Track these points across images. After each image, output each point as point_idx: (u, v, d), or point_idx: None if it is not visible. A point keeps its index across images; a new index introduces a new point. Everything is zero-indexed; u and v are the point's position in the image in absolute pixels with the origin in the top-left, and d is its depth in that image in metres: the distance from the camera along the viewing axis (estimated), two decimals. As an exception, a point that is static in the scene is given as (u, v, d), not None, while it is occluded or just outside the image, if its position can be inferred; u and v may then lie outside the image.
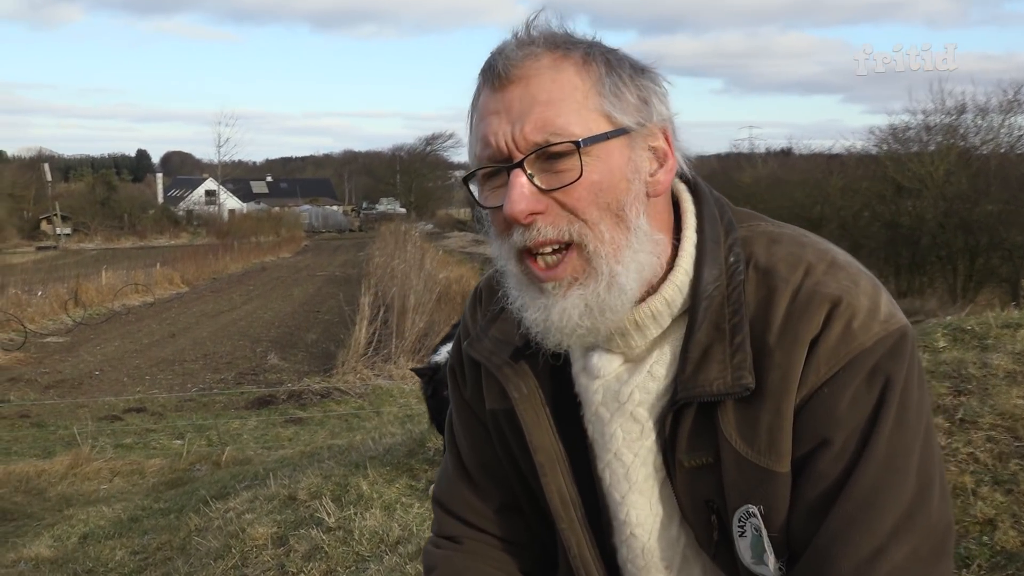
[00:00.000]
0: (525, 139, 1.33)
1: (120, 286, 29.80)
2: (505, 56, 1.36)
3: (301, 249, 55.62)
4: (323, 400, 15.02)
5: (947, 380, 4.32)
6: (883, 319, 1.34)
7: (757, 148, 46.51)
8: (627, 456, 1.46)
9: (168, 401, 15.58)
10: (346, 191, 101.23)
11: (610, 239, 1.35)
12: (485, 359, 1.56)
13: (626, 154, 1.37)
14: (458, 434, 1.72)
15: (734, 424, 1.36)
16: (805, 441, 1.33)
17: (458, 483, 1.70)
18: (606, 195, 1.35)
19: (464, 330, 1.68)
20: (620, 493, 1.48)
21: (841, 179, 32.58)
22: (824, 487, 1.32)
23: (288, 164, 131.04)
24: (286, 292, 32.69)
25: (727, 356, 1.36)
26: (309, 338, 22.02)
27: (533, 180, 1.34)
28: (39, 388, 16.83)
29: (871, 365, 1.31)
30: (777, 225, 1.49)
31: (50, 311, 25.30)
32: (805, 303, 1.34)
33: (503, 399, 1.55)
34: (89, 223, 65.09)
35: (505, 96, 1.35)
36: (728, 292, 1.39)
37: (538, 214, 1.34)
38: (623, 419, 1.46)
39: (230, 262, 41.86)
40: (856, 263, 1.42)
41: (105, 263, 35.68)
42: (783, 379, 1.33)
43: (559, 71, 1.35)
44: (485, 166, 1.38)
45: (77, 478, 10.49)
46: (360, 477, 5.78)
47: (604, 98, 1.36)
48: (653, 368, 1.44)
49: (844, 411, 1.31)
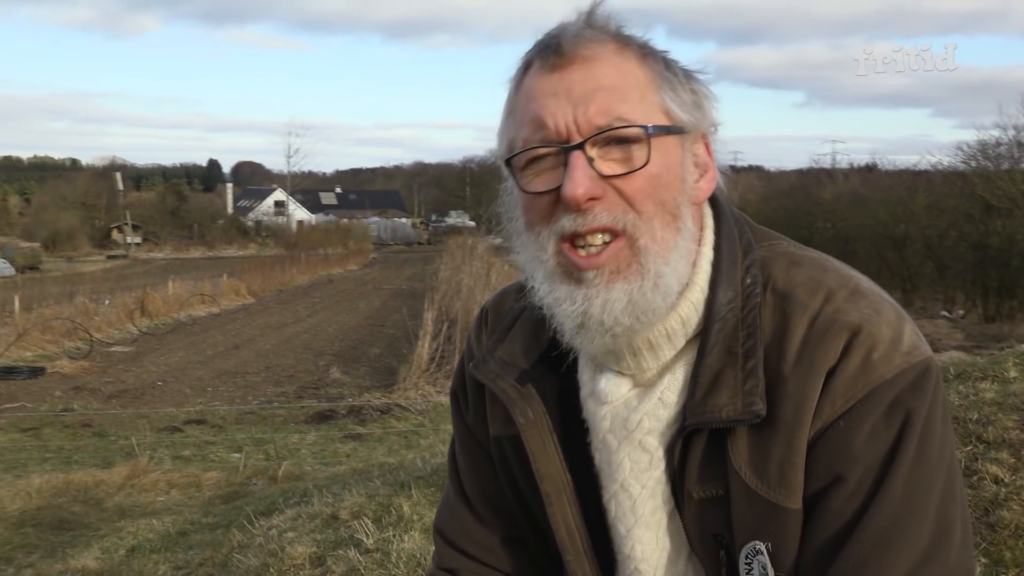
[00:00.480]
0: (589, 122, 1.28)
1: (186, 296, 30.11)
2: (570, 36, 1.31)
3: (368, 262, 55.99)
4: (383, 416, 14.79)
5: (1015, 413, 4.15)
6: (906, 351, 1.28)
7: (839, 163, 45.70)
8: (634, 488, 1.40)
9: (228, 413, 15.46)
10: (415, 203, 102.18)
11: (661, 237, 1.31)
12: (490, 382, 1.49)
13: (680, 154, 1.34)
14: (460, 462, 1.67)
15: (745, 455, 1.30)
16: (818, 477, 1.27)
17: (460, 513, 1.64)
18: (663, 191, 1.31)
19: (469, 352, 1.63)
20: (625, 526, 1.42)
21: (927, 197, 31.75)
22: (836, 527, 1.25)
23: (358, 175, 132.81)
24: (351, 305, 32.73)
25: (738, 381, 1.30)
26: (372, 352, 21.86)
27: (593, 164, 1.28)
28: (102, 397, 16.84)
29: (891, 399, 1.25)
30: (799, 247, 1.43)
31: (116, 320, 25.53)
32: (823, 331, 1.28)
33: (508, 425, 1.48)
34: (159, 232, 66.44)
35: (565, 77, 1.30)
36: (743, 315, 1.33)
37: (596, 199, 1.28)
38: (631, 448, 1.39)
39: (297, 274, 42.15)
40: (880, 291, 1.36)
41: (173, 273, 36.18)
42: (797, 410, 1.27)
43: (623, 58, 1.32)
44: (538, 146, 1.31)
45: (134, 489, 10.67)
46: (403, 498, 5.70)
47: (664, 93, 1.33)
48: (664, 394, 1.38)
49: (860, 447, 1.25)
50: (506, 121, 1.39)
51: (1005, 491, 3.51)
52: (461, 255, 34.36)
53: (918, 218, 31.56)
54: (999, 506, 3.44)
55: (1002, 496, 3.49)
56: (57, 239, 65.05)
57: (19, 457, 12.38)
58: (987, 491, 3.54)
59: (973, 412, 4.09)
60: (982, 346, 19.91)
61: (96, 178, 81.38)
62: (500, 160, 1.41)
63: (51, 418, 14.96)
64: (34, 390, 17.33)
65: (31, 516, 9.49)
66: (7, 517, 9.45)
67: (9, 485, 10.33)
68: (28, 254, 53.65)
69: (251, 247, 64.81)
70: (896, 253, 32.58)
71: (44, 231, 67.61)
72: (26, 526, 9.20)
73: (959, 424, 4.04)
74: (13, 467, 11.73)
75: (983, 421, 4.02)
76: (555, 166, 1.31)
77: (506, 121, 1.39)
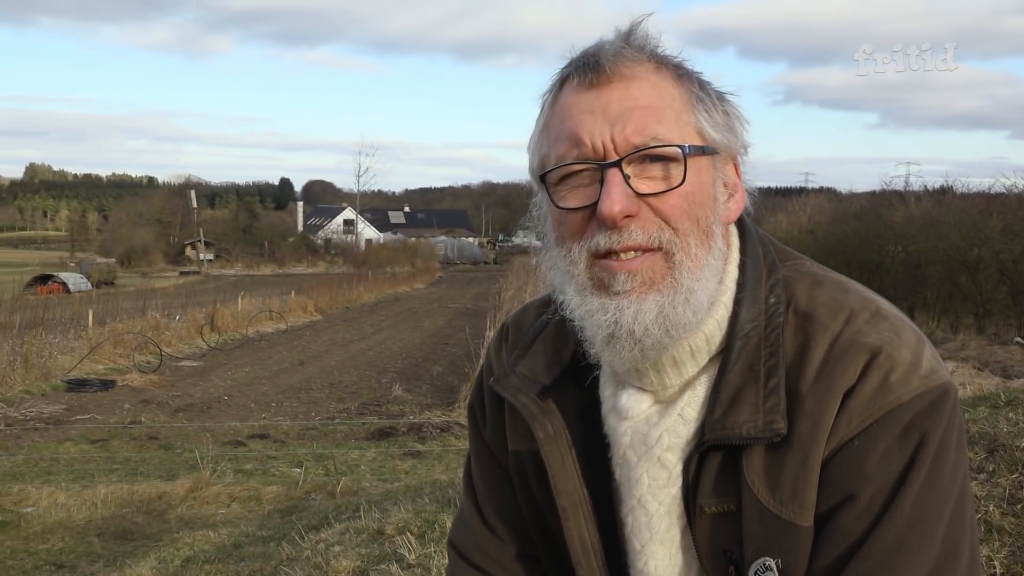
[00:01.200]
0: (626, 140, 1.30)
1: (255, 312, 30.48)
2: (609, 54, 1.32)
3: (435, 280, 56.27)
4: (443, 434, 14.81)
5: None
6: (924, 374, 1.28)
7: (912, 186, 44.78)
8: (651, 504, 1.40)
9: (291, 429, 15.60)
10: (483, 223, 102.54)
11: (695, 255, 1.32)
12: (511, 396, 1.50)
13: (712, 173, 1.36)
14: (476, 477, 1.68)
15: (759, 471, 1.31)
16: (830, 495, 1.28)
17: (475, 529, 1.65)
18: (697, 209, 1.32)
19: (488, 368, 1.63)
20: (640, 542, 1.42)
21: (1001, 220, 30.81)
22: (845, 545, 1.26)
23: (426, 195, 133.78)
24: (416, 323, 32.89)
25: (760, 399, 1.31)
26: (435, 370, 21.90)
27: (629, 182, 1.30)
28: (169, 411, 17.10)
29: (906, 421, 1.26)
30: (822, 268, 1.45)
31: (186, 335, 25.97)
32: (843, 351, 1.29)
33: (528, 440, 1.49)
34: (231, 249, 67.43)
35: (602, 95, 1.32)
36: (766, 334, 1.35)
37: (631, 217, 1.30)
38: (650, 464, 1.40)
39: (364, 292, 42.53)
40: (901, 314, 1.37)
41: (243, 289, 36.69)
42: (813, 428, 1.28)
43: (660, 78, 1.34)
44: (575, 163, 1.33)
45: (196, 502, 10.76)
46: (448, 514, 5.71)
47: (699, 113, 1.35)
48: (684, 411, 1.38)
49: (873, 467, 1.26)
50: (540, 136, 1.41)
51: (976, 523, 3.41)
52: (525, 275, 34.38)
53: (992, 242, 30.72)
54: (1042, 535, 3.37)
55: (1046, 525, 3.41)
56: (132, 255, 66.50)
57: (87, 468, 12.61)
58: (1030, 520, 3.46)
59: (1021, 440, 3.99)
60: (1056, 373, 19.34)
61: (171, 196, 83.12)
62: (533, 174, 1.42)
63: (119, 430, 15.22)
64: (104, 402, 17.67)
65: (96, 526, 9.69)
66: (73, 526, 9.66)
67: (76, 495, 10.54)
68: (104, 269, 54.94)
69: (320, 265, 65.57)
70: (969, 277, 31.80)
71: (120, 247, 69.24)
72: (91, 535, 9.40)
73: (1006, 451, 3.94)
74: (81, 477, 11.96)
75: (1031, 449, 3.93)
76: (590, 183, 1.33)
77: (540, 136, 1.41)
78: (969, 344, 25.89)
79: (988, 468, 3.87)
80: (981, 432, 4.17)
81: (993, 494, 3.69)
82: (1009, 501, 3.63)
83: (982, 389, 10.85)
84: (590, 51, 1.35)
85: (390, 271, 54.94)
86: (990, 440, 4.08)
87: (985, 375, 18.57)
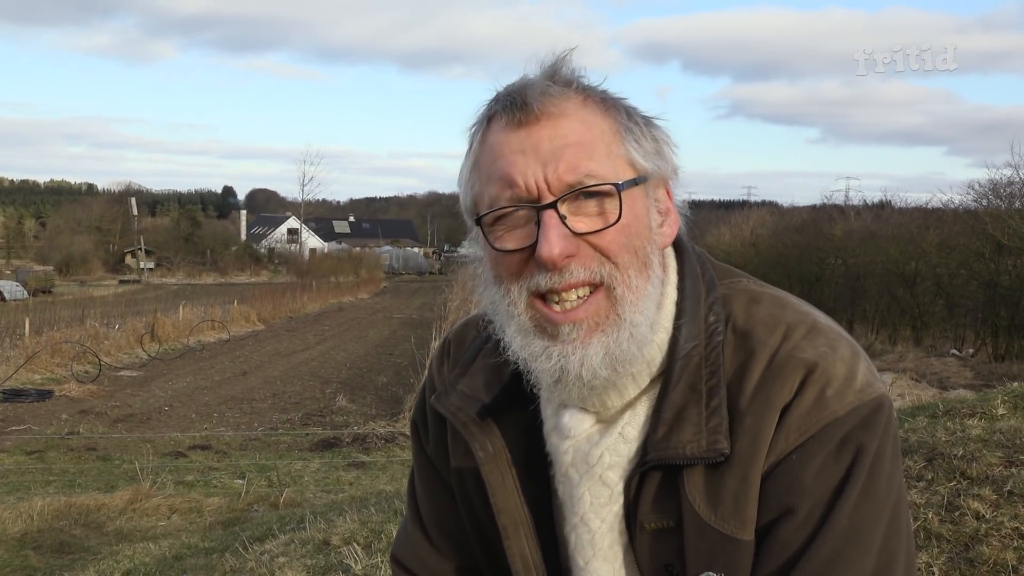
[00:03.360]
0: (559, 179, 1.29)
1: (196, 322, 30.09)
2: (537, 92, 1.32)
3: (380, 291, 56.04)
4: (387, 444, 14.76)
5: (1000, 450, 4.16)
6: (859, 388, 1.30)
7: (852, 200, 45.59)
8: (594, 522, 1.41)
9: (233, 439, 15.45)
10: (428, 233, 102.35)
11: (636, 286, 1.33)
12: (451, 415, 1.50)
13: (645, 202, 1.36)
14: (419, 492, 1.68)
15: (699, 489, 1.32)
16: (770, 509, 1.30)
17: (417, 542, 1.67)
18: (634, 240, 1.33)
19: (430, 384, 1.63)
20: (584, 559, 1.43)
21: (938, 235, 31.58)
22: (784, 558, 1.28)
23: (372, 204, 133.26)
24: (361, 333, 32.71)
25: (702, 419, 1.32)
26: (379, 381, 21.81)
27: (566, 222, 1.30)
28: (108, 421, 16.83)
29: (842, 435, 1.28)
30: (759, 284, 1.46)
31: (126, 345, 25.54)
32: (779, 368, 1.31)
33: (469, 457, 1.49)
34: (172, 258, 66.60)
35: (532, 134, 1.31)
36: (706, 353, 1.36)
37: (571, 257, 1.30)
38: (591, 482, 1.41)
39: (308, 301, 42.18)
40: (837, 327, 1.39)
41: (184, 298, 36.22)
42: (752, 444, 1.30)
43: (588, 112, 1.34)
44: (509, 206, 1.32)
45: (136, 514, 10.59)
46: (395, 525, 5.68)
47: (628, 143, 1.35)
48: (625, 430, 1.39)
49: (810, 480, 1.28)
50: (471, 174, 1.40)
51: (986, 527, 3.51)
52: (471, 285, 34.33)
53: (929, 256, 31.42)
54: (979, 542, 3.44)
55: (982, 532, 3.49)
56: (71, 263, 65.35)
57: (23, 479, 12.36)
58: (968, 527, 3.53)
59: (959, 448, 4.09)
60: (990, 384, 19.73)
61: (111, 203, 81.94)
62: (467, 213, 1.42)
63: (56, 441, 14.95)
64: (41, 413, 17.33)
65: (32, 538, 9.48)
66: (8, 539, 9.45)
67: (11, 507, 10.31)
68: (41, 277, 53.88)
69: (263, 274, 64.93)
70: (906, 291, 32.45)
71: (58, 255, 68.03)
72: (27, 548, 9.19)
73: (944, 460, 4.04)
74: (16, 489, 11.72)
75: (968, 457, 4.01)
76: (526, 223, 1.33)
77: (471, 174, 1.40)
78: (907, 356, 26.39)
79: (927, 476, 3.96)
80: (920, 441, 4.27)
81: (932, 502, 3.77)
82: (947, 508, 3.71)
83: (920, 400, 11.10)
84: (516, 89, 1.35)
85: (334, 281, 54.60)
86: (929, 449, 4.18)
87: (923, 386, 18.95)
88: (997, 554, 3.35)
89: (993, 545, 3.42)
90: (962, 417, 4.55)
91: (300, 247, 78.54)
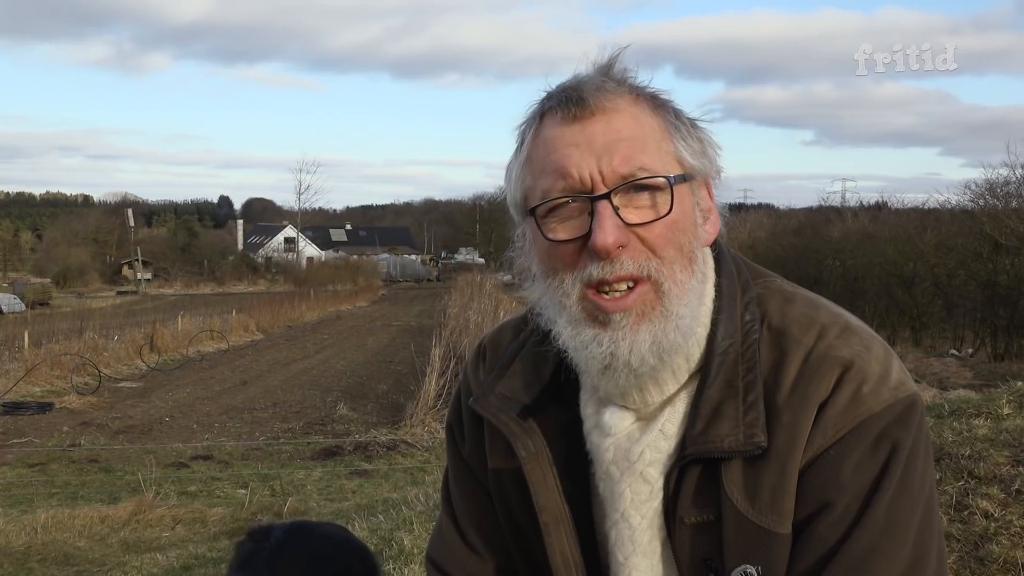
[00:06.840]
0: (614, 171, 1.33)
1: (195, 332, 30.06)
2: (592, 88, 1.36)
3: (378, 298, 55.99)
4: (389, 452, 14.75)
5: (1007, 449, 4.18)
6: (893, 386, 1.34)
7: (849, 202, 45.67)
8: (634, 518, 1.44)
9: (235, 449, 15.43)
10: (425, 240, 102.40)
11: (680, 280, 1.36)
12: (492, 416, 1.52)
13: (691, 199, 1.40)
14: (454, 494, 1.71)
15: (738, 482, 1.35)
16: (807, 503, 1.33)
17: (453, 544, 1.68)
18: (681, 236, 1.36)
19: (466, 387, 1.65)
20: (624, 555, 1.45)
21: (935, 235, 31.63)
22: (821, 551, 1.31)
23: (368, 212, 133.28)
24: (360, 342, 32.70)
25: (740, 413, 1.35)
26: (380, 389, 21.81)
27: (619, 212, 1.33)
28: (109, 433, 16.82)
29: (878, 431, 1.31)
30: (791, 285, 1.50)
31: (125, 356, 25.52)
32: (816, 366, 1.35)
33: (508, 458, 1.52)
34: (169, 268, 66.60)
35: (586, 128, 1.35)
36: (743, 350, 1.39)
37: (623, 247, 1.33)
38: (632, 479, 1.43)
39: (306, 310, 42.18)
40: (869, 329, 1.42)
41: (183, 309, 36.20)
42: (790, 440, 1.33)
43: (639, 109, 1.38)
44: (563, 197, 1.35)
45: (140, 525, 10.60)
46: (405, 532, 5.67)
47: (677, 142, 1.38)
48: (665, 426, 1.42)
49: (848, 475, 1.31)
50: (522, 169, 1.43)
51: (995, 526, 3.53)
52: (470, 292, 34.34)
53: (927, 256, 31.47)
54: (988, 540, 3.46)
55: (991, 531, 3.51)
56: (68, 275, 65.32)
57: (25, 492, 12.35)
58: (977, 526, 3.56)
59: (966, 448, 4.11)
60: (990, 384, 19.74)
61: (107, 214, 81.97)
62: (518, 207, 1.46)
63: (58, 453, 14.93)
64: (42, 425, 17.31)
65: (36, 551, 9.46)
66: (12, 552, 9.44)
67: (15, 520, 10.31)
68: (38, 290, 53.72)
69: (261, 283, 64.96)
70: (905, 291, 32.50)
71: (55, 267, 68.01)
72: (31, 561, 9.18)
73: (951, 460, 4.06)
74: (19, 502, 11.71)
75: (975, 457, 4.03)
76: (579, 214, 1.36)
77: (522, 169, 1.43)
78: (906, 356, 26.37)
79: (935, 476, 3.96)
80: (927, 441, 4.27)
81: (941, 501, 3.78)
82: (956, 508, 3.73)
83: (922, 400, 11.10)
84: (571, 85, 1.38)
85: (332, 289, 54.59)
86: (936, 449, 4.19)
87: (922, 387, 18.94)
88: (1007, 552, 3.38)
89: (1003, 543, 3.45)
90: (968, 417, 4.56)
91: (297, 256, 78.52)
